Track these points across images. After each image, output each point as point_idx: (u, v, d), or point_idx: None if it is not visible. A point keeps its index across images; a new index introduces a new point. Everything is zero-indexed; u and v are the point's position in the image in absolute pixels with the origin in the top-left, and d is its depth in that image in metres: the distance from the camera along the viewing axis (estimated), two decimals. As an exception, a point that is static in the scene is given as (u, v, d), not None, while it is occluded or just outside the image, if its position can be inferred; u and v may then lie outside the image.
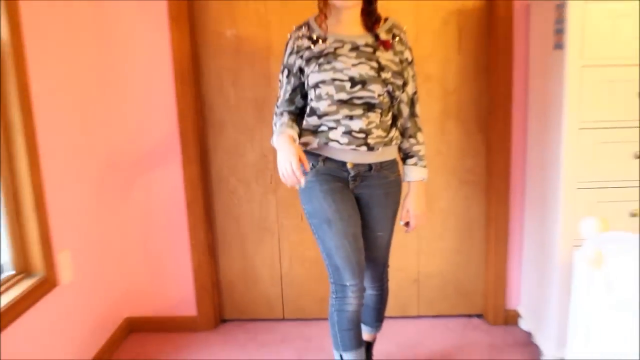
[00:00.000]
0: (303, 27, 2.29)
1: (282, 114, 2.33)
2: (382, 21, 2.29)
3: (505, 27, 2.93)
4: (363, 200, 2.38)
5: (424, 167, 2.46)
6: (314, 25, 2.27)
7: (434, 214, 3.20)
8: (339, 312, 2.37)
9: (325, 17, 2.24)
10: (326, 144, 2.25)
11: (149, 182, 3.14)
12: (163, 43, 2.98)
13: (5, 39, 2.30)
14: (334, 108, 2.20)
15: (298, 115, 2.33)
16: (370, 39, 2.24)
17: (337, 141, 2.23)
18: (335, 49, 2.20)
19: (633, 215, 2.57)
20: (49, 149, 2.54)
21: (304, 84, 2.28)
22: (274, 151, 3.05)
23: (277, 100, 2.37)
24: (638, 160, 2.52)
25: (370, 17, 2.27)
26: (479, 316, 3.33)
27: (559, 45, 2.52)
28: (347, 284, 2.32)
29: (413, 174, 2.44)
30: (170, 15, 2.94)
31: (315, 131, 2.26)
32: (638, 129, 2.50)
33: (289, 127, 2.25)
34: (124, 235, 3.20)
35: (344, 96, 2.18)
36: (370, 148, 2.25)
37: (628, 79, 2.45)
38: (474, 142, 3.15)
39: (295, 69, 2.28)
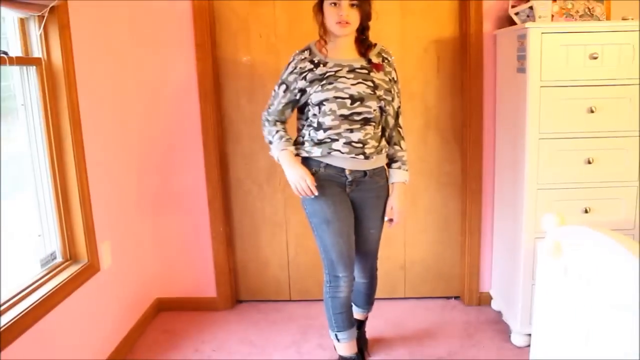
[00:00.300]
0: (306, 51, 2.29)
1: (275, 123, 2.35)
2: (372, 47, 2.30)
3: (476, 53, 2.95)
4: (357, 202, 2.38)
5: (406, 170, 2.46)
6: (315, 50, 2.27)
7: (417, 210, 3.22)
8: (332, 299, 2.42)
9: (325, 43, 2.25)
10: (329, 153, 2.24)
11: (176, 183, 3.16)
12: (190, 66, 3.00)
13: (59, 62, 2.33)
14: (337, 122, 2.20)
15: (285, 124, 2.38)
16: (364, 62, 2.26)
17: (339, 150, 2.23)
18: (336, 71, 2.21)
19: (585, 211, 2.59)
20: (93, 155, 2.56)
21: (297, 101, 2.29)
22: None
23: (268, 107, 2.36)
24: (588, 165, 2.55)
25: (363, 44, 2.29)
26: (456, 298, 3.33)
27: (521, 69, 2.55)
28: (340, 275, 2.37)
29: (397, 176, 2.44)
30: (196, 43, 2.96)
31: (319, 143, 2.26)
32: (587, 139, 2.53)
33: (287, 142, 2.30)
34: (154, 228, 3.21)
35: (345, 112, 2.19)
36: (367, 157, 2.25)
37: (579, 97, 2.48)
38: (451, 150, 3.16)
39: (293, 87, 2.27)
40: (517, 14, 2.70)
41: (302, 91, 2.26)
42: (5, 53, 2.10)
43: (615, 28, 2.46)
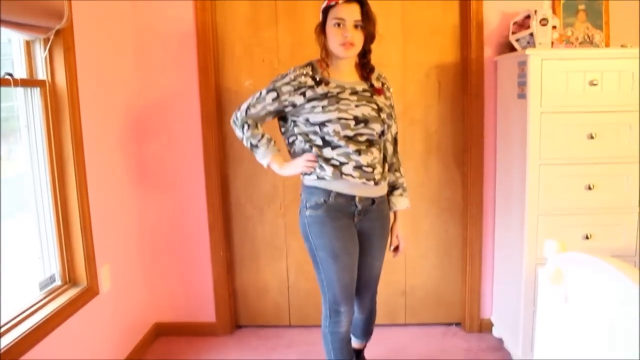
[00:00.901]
0: (307, 67, 2.19)
1: (256, 126, 2.25)
2: (373, 71, 2.27)
3: (477, 79, 2.98)
4: (364, 233, 2.29)
5: (407, 196, 2.44)
6: (317, 67, 2.20)
7: (418, 236, 3.22)
8: (332, 333, 2.32)
9: (327, 65, 2.19)
10: (341, 176, 2.15)
11: (177, 206, 3.16)
12: (192, 90, 3.03)
13: (63, 85, 2.35)
14: (342, 143, 2.13)
15: None
16: (365, 86, 2.22)
17: (351, 175, 2.15)
18: (338, 92, 2.14)
19: (586, 238, 2.59)
20: (95, 178, 2.57)
21: (282, 112, 2.22)
22: (283, 182, 3.13)
23: (247, 109, 2.24)
24: (589, 191, 2.56)
25: (365, 67, 2.25)
26: (457, 324, 3.31)
27: (521, 95, 2.57)
28: (342, 309, 2.27)
29: (400, 203, 2.41)
30: (199, 67, 3.00)
31: (328, 160, 2.16)
32: (588, 165, 2.54)
33: (275, 146, 2.28)
34: (154, 252, 3.20)
35: (349, 133, 2.12)
36: (376, 182, 2.20)
37: (578, 124, 2.50)
38: (451, 175, 3.17)
39: (285, 98, 2.16)
40: (517, 40, 2.73)
41: (294, 106, 2.17)
42: (10, 75, 2.13)
43: (614, 55, 2.49)
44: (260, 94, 2.22)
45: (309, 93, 2.15)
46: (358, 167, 2.15)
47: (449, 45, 3.06)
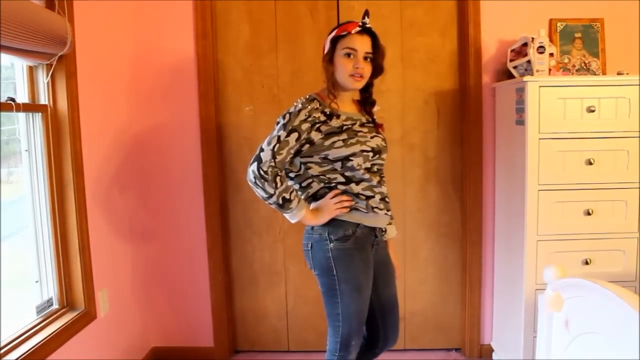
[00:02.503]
0: (315, 101, 2.07)
1: (285, 178, 2.06)
2: (374, 104, 2.24)
3: (475, 106, 2.99)
4: (381, 262, 2.24)
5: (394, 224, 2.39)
6: (322, 101, 2.08)
7: (417, 261, 3.20)
8: None
9: (334, 97, 2.09)
10: (372, 210, 2.11)
11: (176, 230, 3.15)
12: (193, 116, 3.04)
13: (65, 110, 2.36)
14: (367, 176, 2.08)
15: None
16: (365, 117, 2.19)
17: (378, 207, 2.12)
18: (352, 125, 2.07)
19: (586, 263, 2.58)
20: (94, 202, 2.57)
21: (300, 152, 2.06)
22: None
23: (273, 158, 1.99)
24: (588, 216, 2.55)
25: (366, 101, 2.22)
26: (457, 350, 3.27)
27: (520, 122, 2.58)
28: (353, 343, 2.14)
29: (392, 232, 2.36)
30: (199, 92, 3.01)
31: (357, 195, 2.10)
32: (587, 190, 2.54)
33: (304, 203, 2.09)
34: (152, 276, 3.18)
35: (368, 165, 2.08)
36: (389, 213, 2.21)
37: (577, 149, 2.51)
38: (450, 201, 3.16)
39: (304, 137, 2.01)
40: (515, 67, 2.75)
41: (312, 144, 2.04)
42: (13, 99, 2.14)
43: (611, 82, 2.51)
44: (279, 137, 2.00)
45: (323, 128, 2.04)
46: (382, 199, 2.14)
47: (448, 72, 3.08)
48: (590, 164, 2.51)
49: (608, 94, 2.49)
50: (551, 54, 2.63)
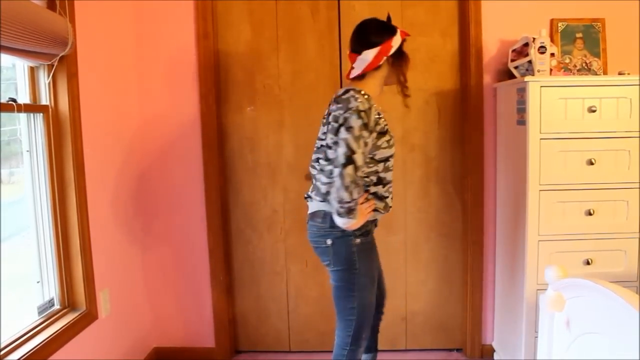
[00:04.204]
0: (370, 98, 2.06)
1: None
2: None
3: (476, 105, 2.99)
4: (377, 249, 2.30)
5: None
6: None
7: (418, 261, 3.20)
8: None
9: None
10: (389, 209, 2.20)
11: (177, 231, 3.15)
12: (194, 116, 3.04)
13: (66, 110, 2.36)
14: (391, 177, 2.18)
15: None
16: None
17: (391, 206, 2.22)
18: (386, 124, 2.13)
19: (587, 263, 2.58)
20: (96, 202, 2.57)
21: None
22: (283, 207, 3.13)
23: (362, 160, 1.97)
24: (589, 217, 2.55)
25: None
26: (459, 350, 3.27)
27: (521, 122, 2.58)
28: (364, 335, 2.19)
29: None
30: (200, 93, 3.01)
31: (381, 198, 2.16)
32: (588, 190, 2.53)
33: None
34: (154, 276, 3.18)
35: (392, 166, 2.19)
36: None
37: (578, 149, 2.51)
38: (451, 201, 3.16)
39: (373, 136, 2.04)
40: (516, 67, 2.75)
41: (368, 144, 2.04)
42: (14, 100, 2.14)
43: (612, 82, 2.51)
44: (364, 139, 1.97)
45: (377, 128, 2.06)
46: (392, 197, 2.23)
47: (449, 72, 3.08)
48: (592, 164, 2.51)
49: (609, 94, 2.49)
50: (552, 54, 2.63)
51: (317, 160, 2.17)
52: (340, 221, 2.01)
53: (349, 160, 1.92)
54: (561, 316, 1.75)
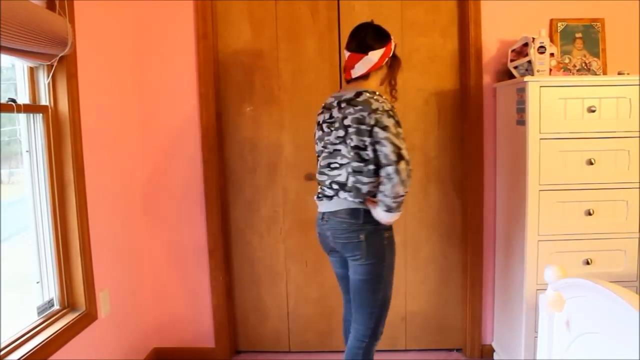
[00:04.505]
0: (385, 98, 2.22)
1: None
2: None
3: (476, 106, 2.99)
4: None
5: None
6: None
7: (418, 261, 3.20)
8: (372, 354, 2.33)
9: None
10: None
11: (177, 232, 3.15)
12: (193, 116, 3.04)
13: (65, 111, 2.36)
14: None
15: None
16: None
17: None
18: None
19: (587, 263, 2.58)
20: (95, 203, 2.57)
21: None
22: (283, 208, 3.13)
23: (407, 157, 2.13)
24: (589, 216, 2.55)
25: None
26: (459, 350, 3.27)
27: (520, 122, 2.58)
28: (382, 329, 2.31)
29: None
30: (200, 93, 3.01)
31: None
32: (587, 190, 2.53)
33: None
34: (154, 277, 3.18)
35: None
36: None
37: (578, 149, 2.51)
38: (451, 201, 3.16)
39: None
40: (516, 67, 2.75)
41: None
42: (14, 100, 2.14)
43: (611, 82, 2.51)
44: (399, 136, 2.13)
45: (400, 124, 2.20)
46: None
47: (448, 72, 3.08)
48: (591, 164, 2.51)
49: (609, 94, 2.49)
50: (552, 54, 2.63)
51: (334, 164, 2.23)
52: (387, 216, 2.14)
53: (399, 156, 2.08)
54: (561, 316, 1.75)
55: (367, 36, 2.22)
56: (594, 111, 2.48)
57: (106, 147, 2.73)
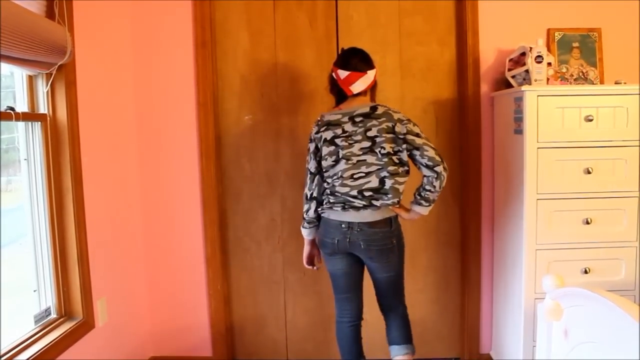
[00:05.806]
0: None
1: None
2: None
3: (474, 115, 3.00)
4: None
5: None
6: None
7: (416, 270, 3.19)
8: None
9: None
10: None
11: (175, 240, 3.14)
12: (192, 125, 3.04)
13: (64, 119, 2.36)
14: None
15: None
16: None
17: None
18: None
19: (585, 272, 2.58)
20: (93, 211, 2.57)
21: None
22: (281, 216, 3.13)
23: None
24: (587, 225, 2.55)
25: None
26: (456, 359, 3.26)
27: (518, 131, 2.58)
28: None
29: None
30: (198, 101, 3.02)
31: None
32: (585, 199, 2.54)
33: None
34: (151, 285, 3.17)
35: None
36: None
37: (575, 158, 2.52)
38: (450, 209, 3.16)
39: None
40: (513, 77, 2.76)
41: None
42: (12, 109, 2.15)
43: (609, 91, 2.52)
44: (429, 139, 2.38)
45: None
46: None
47: (446, 81, 3.09)
48: (589, 172, 2.51)
49: (606, 103, 2.50)
50: (549, 64, 2.64)
51: (359, 174, 2.38)
52: (427, 210, 2.44)
53: (437, 154, 2.33)
54: (559, 325, 1.75)
55: (365, 57, 2.42)
56: (591, 120, 2.49)
57: (104, 156, 2.73)
